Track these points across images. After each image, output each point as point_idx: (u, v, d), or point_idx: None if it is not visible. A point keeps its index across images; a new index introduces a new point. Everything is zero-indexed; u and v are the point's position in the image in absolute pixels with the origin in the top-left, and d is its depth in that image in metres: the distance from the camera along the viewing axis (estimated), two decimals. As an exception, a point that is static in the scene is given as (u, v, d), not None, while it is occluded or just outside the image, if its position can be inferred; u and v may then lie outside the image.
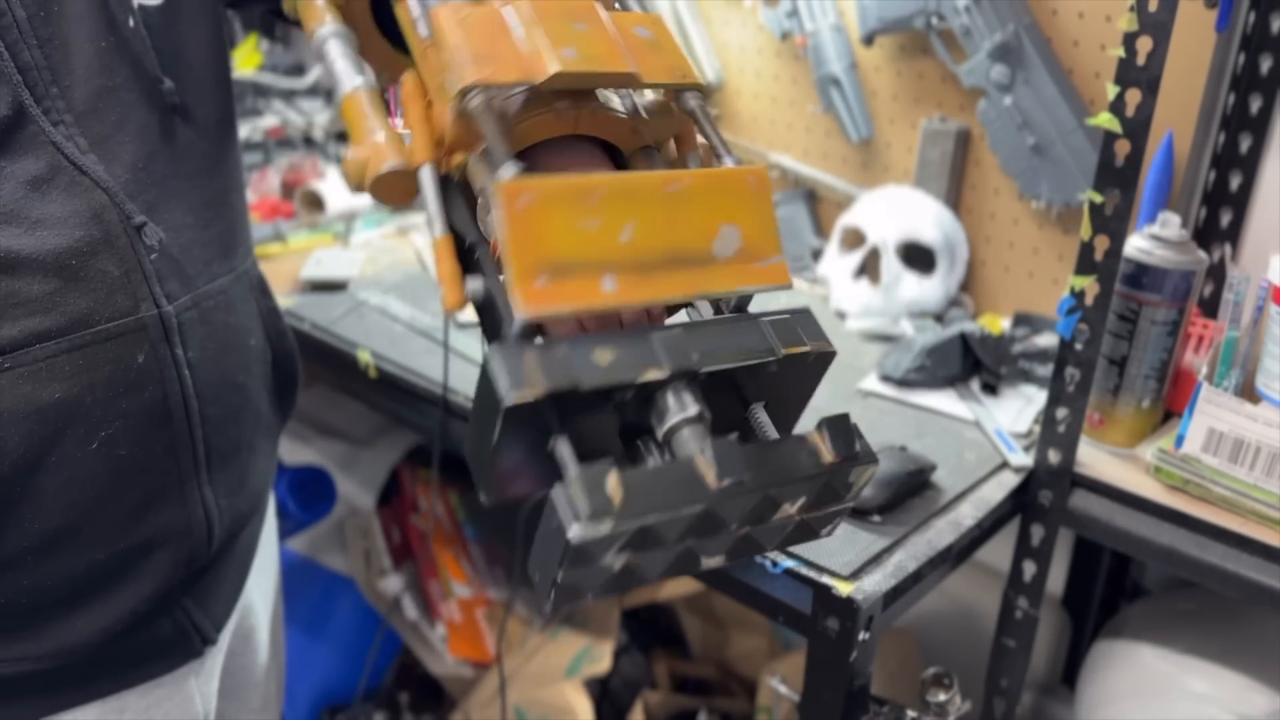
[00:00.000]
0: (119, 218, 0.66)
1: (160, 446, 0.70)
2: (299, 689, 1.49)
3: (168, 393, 0.70)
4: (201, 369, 0.72)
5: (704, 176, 0.49)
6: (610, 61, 0.50)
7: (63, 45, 0.65)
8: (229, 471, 0.76)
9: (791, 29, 1.35)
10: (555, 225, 0.45)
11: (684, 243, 0.48)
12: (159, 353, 0.69)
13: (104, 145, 0.66)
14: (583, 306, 0.45)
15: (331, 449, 1.64)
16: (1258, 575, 0.84)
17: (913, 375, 1.10)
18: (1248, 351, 0.91)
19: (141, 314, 0.68)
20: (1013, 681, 1.05)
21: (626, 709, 1.40)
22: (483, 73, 0.48)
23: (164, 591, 0.73)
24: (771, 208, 0.51)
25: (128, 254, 0.67)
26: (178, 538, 0.73)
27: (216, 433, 0.74)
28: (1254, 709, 0.95)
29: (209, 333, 0.73)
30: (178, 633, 0.77)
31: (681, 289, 0.47)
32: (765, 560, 0.83)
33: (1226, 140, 1.08)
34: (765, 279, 0.50)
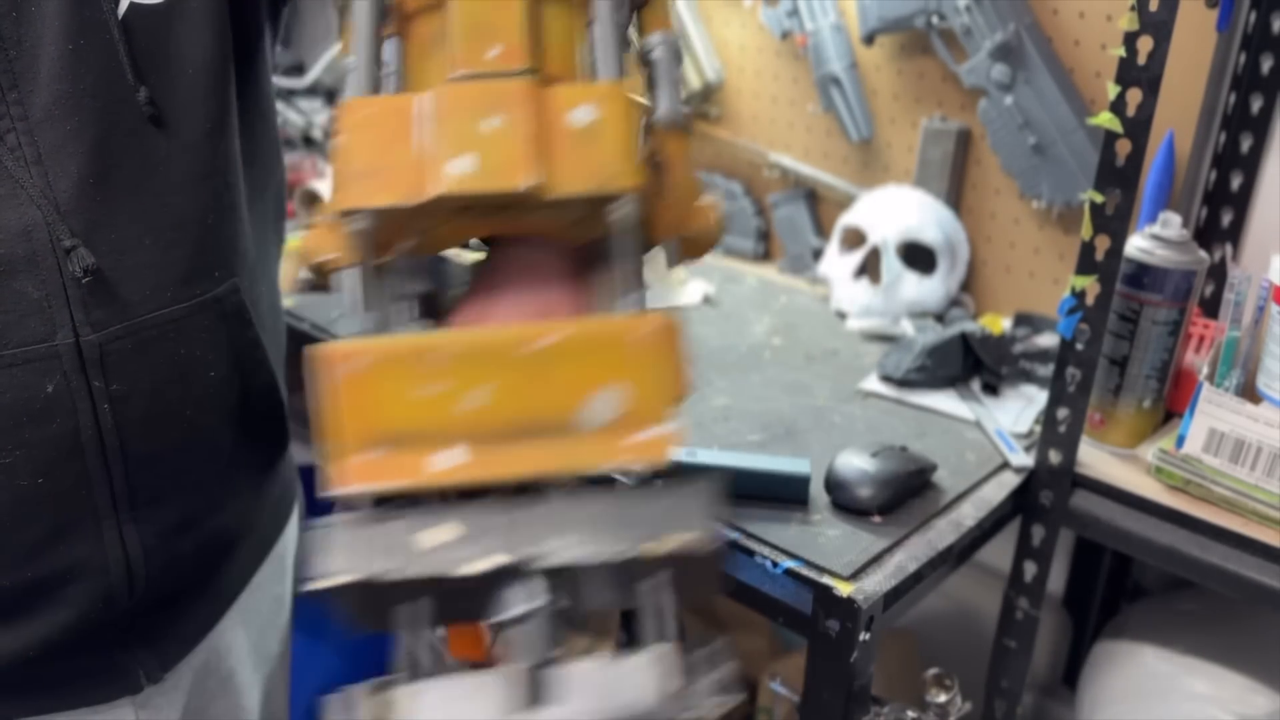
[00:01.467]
0: (49, 238, 0.63)
1: (70, 480, 0.66)
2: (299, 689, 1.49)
3: (80, 425, 0.65)
4: (130, 402, 0.67)
5: (579, 333, 0.43)
6: (506, 177, 0.43)
7: (31, 48, 0.62)
8: (163, 510, 0.72)
9: (792, 28, 1.35)
10: (386, 393, 0.42)
11: (545, 410, 0.42)
12: (72, 383, 0.64)
13: (55, 155, 0.63)
14: (406, 484, 0.42)
15: (331, 449, 1.64)
16: (1259, 576, 0.84)
17: (913, 375, 1.09)
18: (1248, 351, 0.91)
19: (57, 341, 0.64)
20: (1013, 682, 1.05)
21: (626, 709, 1.40)
22: (359, 196, 0.44)
23: (85, 625, 0.70)
24: (673, 363, 0.43)
25: (52, 277, 0.63)
26: (92, 574, 0.69)
27: (144, 470, 0.69)
28: (1255, 709, 0.94)
29: (146, 364, 0.68)
30: (109, 666, 0.74)
31: (536, 464, 0.42)
32: (765, 560, 0.83)
33: (1227, 140, 1.08)
34: (637, 454, 0.42)
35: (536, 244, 0.50)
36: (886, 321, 1.25)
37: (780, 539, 0.84)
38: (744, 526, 0.85)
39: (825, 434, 1.00)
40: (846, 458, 0.89)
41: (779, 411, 1.04)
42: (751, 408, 1.04)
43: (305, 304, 1.26)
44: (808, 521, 0.86)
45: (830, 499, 0.89)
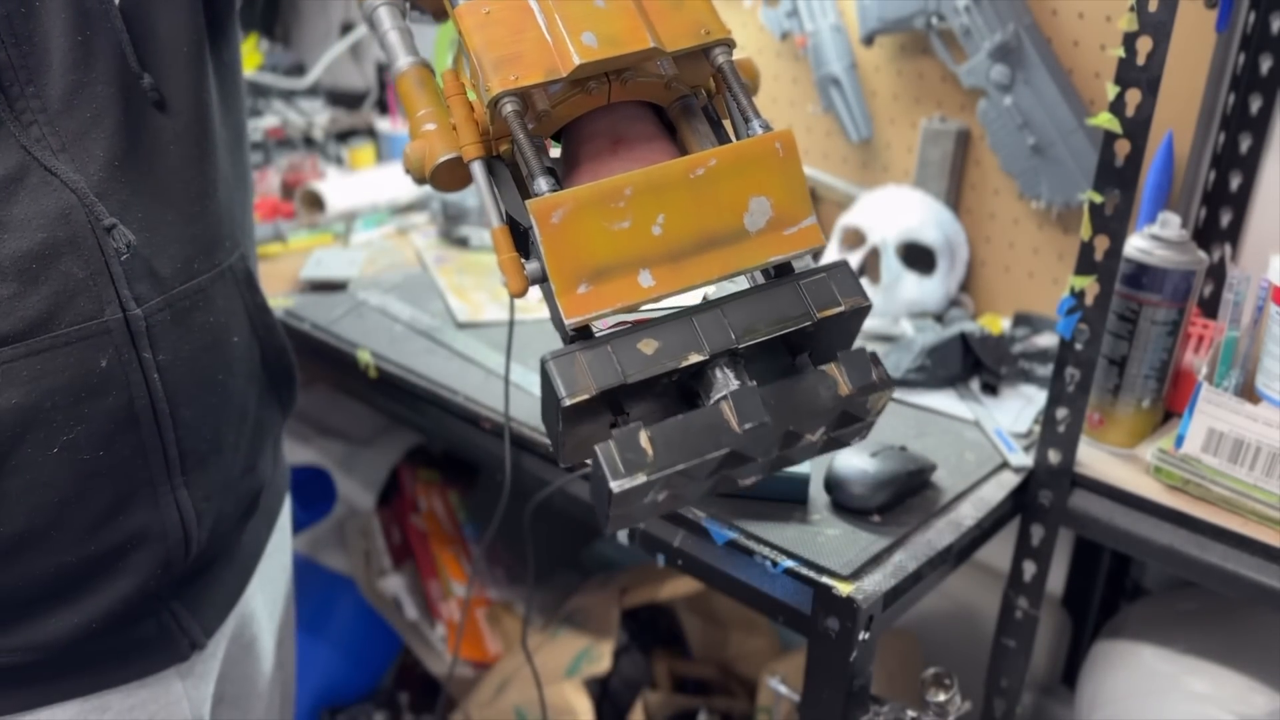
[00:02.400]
0: (87, 219, 0.65)
1: (128, 450, 0.69)
2: (299, 689, 1.49)
3: (134, 396, 0.68)
4: (174, 371, 0.71)
5: (728, 155, 0.50)
6: (630, 41, 0.51)
7: (41, 42, 0.64)
8: (208, 473, 0.75)
9: (791, 29, 1.35)
10: (589, 233, 0.48)
11: (714, 224, 0.50)
12: (124, 356, 0.67)
13: (79, 143, 0.65)
14: (623, 304, 0.49)
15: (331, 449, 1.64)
16: (1258, 575, 0.84)
17: (913, 375, 1.10)
18: (1248, 351, 0.91)
19: (106, 317, 0.66)
20: (1013, 681, 1.05)
21: (626, 709, 1.40)
22: (507, 79, 0.50)
23: (143, 593, 0.72)
24: (799, 170, 0.52)
25: (94, 256, 0.65)
26: (152, 541, 0.72)
27: (191, 435, 0.73)
28: (1254, 709, 0.95)
29: (184, 333, 0.71)
30: (162, 635, 0.76)
31: (717, 270, 0.50)
32: (765, 560, 0.83)
33: (1226, 140, 1.08)
34: (797, 245, 0.51)
35: (630, 108, 0.56)
36: (886, 322, 1.25)
37: (780, 538, 0.84)
38: (744, 526, 0.85)
39: (825, 434, 1.00)
40: (846, 457, 0.89)
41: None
42: (751, 408, 1.05)
43: (305, 304, 1.26)
44: (807, 521, 0.87)
45: (830, 498, 0.89)
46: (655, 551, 0.91)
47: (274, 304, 1.23)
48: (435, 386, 1.07)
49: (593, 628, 1.39)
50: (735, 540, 0.85)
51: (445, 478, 1.65)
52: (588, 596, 1.46)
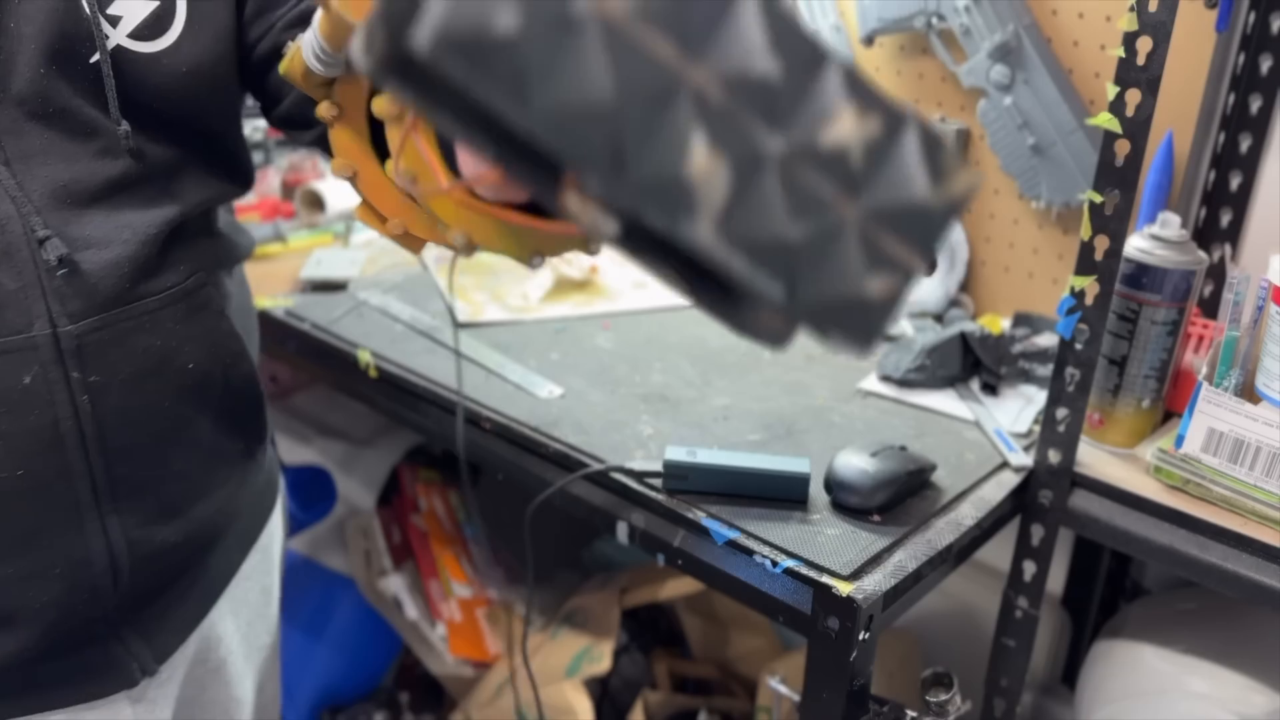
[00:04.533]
0: (23, 230, 0.64)
1: (51, 472, 0.66)
2: (299, 689, 1.49)
3: (59, 417, 0.66)
4: (108, 393, 0.68)
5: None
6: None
7: (6, 61, 0.63)
8: (145, 501, 0.72)
9: (791, 29, 1.35)
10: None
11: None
12: (50, 375, 0.65)
13: (24, 162, 0.65)
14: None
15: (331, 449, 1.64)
16: (1258, 575, 0.84)
17: (913, 375, 1.10)
18: (1248, 351, 0.91)
19: (34, 333, 0.64)
20: (1012, 681, 1.05)
21: (626, 709, 1.40)
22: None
23: (73, 619, 0.70)
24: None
25: (27, 268, 0.64)
26: (76, 567, 0.69)
27: (125, 461, 0.70)
28: (1254, 709, 0.95)
29: (123, 355, 0.69)
30: (108, 660, 0.74)
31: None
32: (765, 560, 0.83)
33: (1226, 140, 1.08)
34: None
35: None
36: (886, 321, 1.25)
37: (780, 538, 0.84)
38: (744, 526, 0.85)
39: (825, 433, 1.00)
40: (846, 457, 0.89)
41: (779, 411, 1.04)
42: (751, 407, 1.05)
43: (305, 304, 1.26)
44: (807, 521, 0.87)
45: (830, 498, 0.89)
46: (655, 551, 0.91)
47: (274, 304, 1.23)
48: (435, 386, 1.07)
49: (593, 628, 1.39)
50: (735, 540, 0.85)
51: (445, 478, 1.65)
52: (588, 596, 1.46)
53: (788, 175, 0.33)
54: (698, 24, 0.31)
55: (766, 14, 0.32)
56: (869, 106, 0.33)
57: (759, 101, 0.32)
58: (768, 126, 0.32)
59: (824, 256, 0.33)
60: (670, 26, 0.31)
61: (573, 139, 0.30)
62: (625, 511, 0.92)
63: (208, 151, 0.76)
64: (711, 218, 0.32)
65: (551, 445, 0.98)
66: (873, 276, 0.34)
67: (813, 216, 0.33)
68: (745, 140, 0.32)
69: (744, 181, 0.32)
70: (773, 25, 0.32)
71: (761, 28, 0.32)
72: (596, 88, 0.30)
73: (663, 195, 0.31)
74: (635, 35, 0.30)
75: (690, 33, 0.31)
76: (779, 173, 0.33)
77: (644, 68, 0.31)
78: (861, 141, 0.33)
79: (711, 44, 0.31)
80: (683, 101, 0.31)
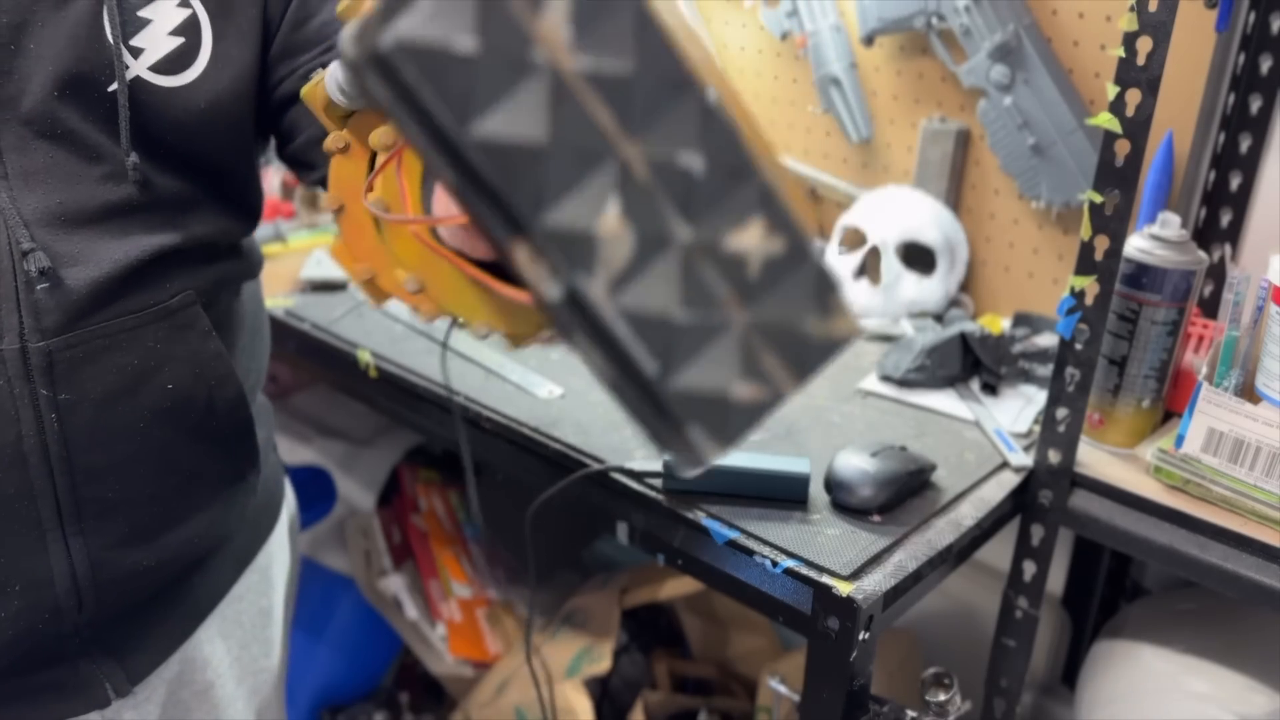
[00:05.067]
0: (7, 241, 0.63)
1: (11, 489, 0.65)
2: (299, 689, 1.49)
3: (23, 434, 0.64)
4: (78, 412, 0.66)
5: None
6: None
7: (20, 81, 0.63)
8: (114, 524, 0.70)
9: (791, 29, 1.35)
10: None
11: None
12: (16, 390, 0.64)
13: (21, 179, 0.64)
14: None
15: (331, 449, 1.64)
16: (1258, 575, 0.84)
17: (913, 375, 1.10)
18: (1248, 351, 0.91)
19: (2, 346, 0.63)
20: (1013, 681, 1.05)
21: (626, 709, 1.40)
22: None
23: (32, 638, 0.69)
24: None
25: (5, 279, 0.63)
26: (38, 587, 0.68)
27: (93, 482, 0.68)
28: (1254, 709, 0.95)
29: (96, 374, 0.67)
30: (77, 679, 0.74)
31: None
32: (765, 560, 0.83)
33: (1226, 140, 1.08)
34: None
35: None
36: (886, 321, 1.25)
37: (780, 538, 0.84)
38: (744, 526, 0.85)
39: (825, 434, 1.00)
40: (846, 457, 0.89)
41: (778, 411, 1.04)
42: (751, 407, 1.04)
43: (305, 304, 1.26)
44: (807, 521, 0.87)
45: (830, 498, 0.89)
46: (655, 551, 0.91)
47: (274, 304, 1.23)
48: (435, 386, 1.07)
49: (593, 628, 1.39)
50: (735, 540, 0.85)
51: (445, 478, 1.65)
52: (588, 596, 1.46)
53: (688, 263, 0.35)
54: (642, 104, 0.34)
55: (708, 117, 0.34)
56: (779, 227, 0.35)
57: (679, 190, 0.34)
58: (681, 215, 0.34)
59: (703, 347, 0.35)
60: (616, 98, 0.33)
61: (499, 168, 0.32)
62: (625, 511, 0.92)
63: (217, 187, 0.75)
64: (608, 278, 0.34)
65: (551, 445, 0.98)
66: (743, 382, 0.36)
67: (701, 308, 0.35)
68: (657, 219, 0.34)
69: (646, 255, 0.34)
70: (711, 128, 0.34)
71: (700, 127, 0.34)
72: (532, 129, 0.32)
73: (569, 244, 0.33)
74: (580, 95, 0.33)
75: (633, 110, 0.34)
76: (680, 258, 0.35)
77: (581, 126, 0.33)
78: (763, 256, 0.35)
79: (649, 126, 0.34)
80: (609, 167, 0.33)
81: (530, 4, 0.32)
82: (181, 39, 0.69)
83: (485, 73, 0.32)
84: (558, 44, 0.32)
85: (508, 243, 0.34)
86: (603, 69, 0.33)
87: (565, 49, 0.32)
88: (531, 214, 0.33)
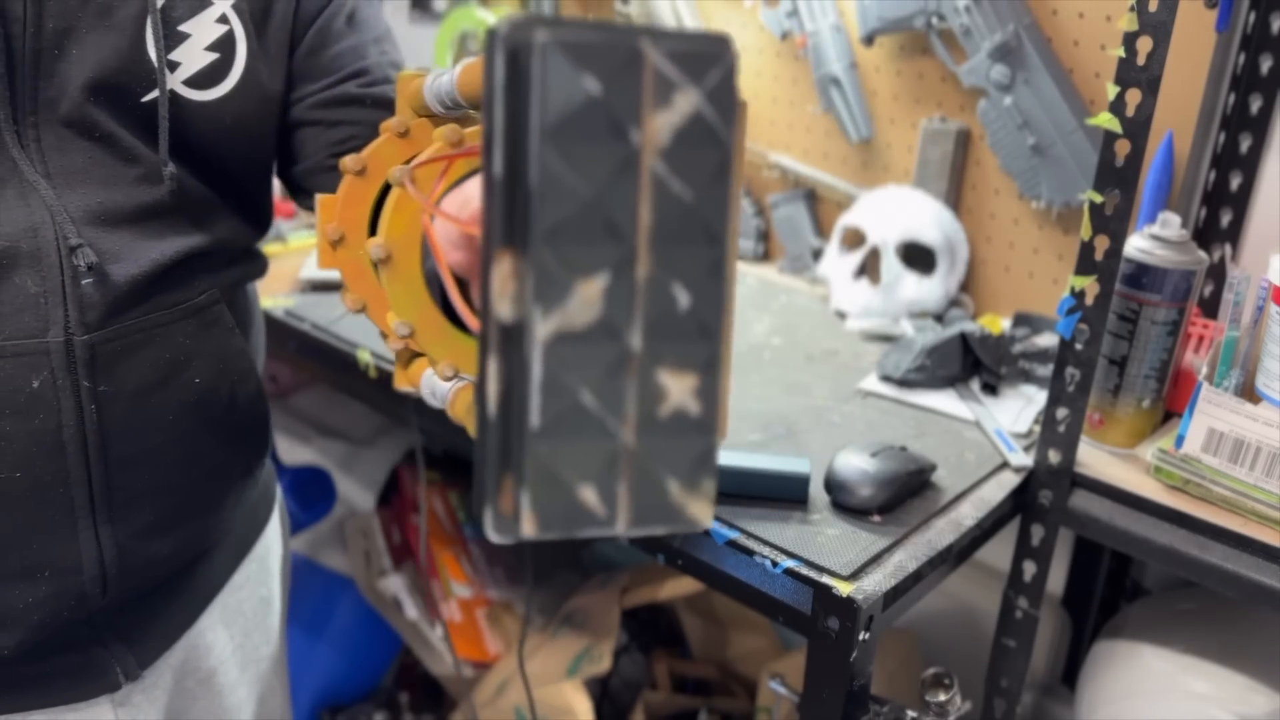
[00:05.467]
0: (55, 236, 0.65)
1: (49, 476, 0.67)
2: (299, 689, 1.49)
3: (63, 423, 0.66)
4: (115, 403, 0.68)
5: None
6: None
7: (60, 84, 0.65)
8: (140, 513, 0.72)
9: (791, 29, 1.35)
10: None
11: None
12: (59, 381, 0.65)
13: (63, 178, 0.66)
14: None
15: (331, 449, 1.64)
16: (1258, 575, 0.84)
17: (913, 375, 1.10)
18: (1248, 351, 0.91)
19: (48, 339, 0.65)
20: (1013, 681, 1.05)
21: (627, 709, 1.40)
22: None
23: (58, 622, 0.71)
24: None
25: (53, 274, 0.65)
26: (66, 573, 0.70)
27: (124, 472, 0.70)
28: (1254, 709, 0.95)
29: (132, 366, 0.69)
30: (90, 663, 0.75)
31: None
32: (765, 560, 0.83)
33: (1226, 140, 1.08)
34: None
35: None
36: (886, 321, 1.25)
37: (780, 538, 0.84)
38: (744, 526, 0.85)
39: (825, 434, 1.00)
40: (846, 457, 0.89)
41: (779, 411, 1.04)
42: (751, 408, 1.05)
43: (305, 304, 1.26)
44: (807, 521, 0.87)
45: (830, 498, 0.89)
46: (655, 551, 0.91)
47: (274, 304, 1.23)
48: (435, 386, 1.07)
49: (593, 628, 1.39)
50: (735, 540, 0.85)
51: (445, 478, 1.65)
52: (588, 596, 1.46)
53: (621, 366, 0.36)
54: (678, 229, 0.37)
55: (714, 276, 0.37)
56: (704, 396, 0.37)
57: (656, 309, 0.37)
58: (643, 327, 0.36)
59: (585, 438, 0.36)
60: (664, 210, 0.36)
61: (544, 184, 0.35)
62: (625, 511, 0.92)
63: (236, 196, 0.78)
64: (557, 328, 0.35)
65: (551, 445, 0.97)
66: (593, 490, 0.37)
67: (606, 407, 0.36)
68: (625, 315, 0.36)
69: (597, 335, 0.36)
70: (711, 285, 0.37)
71: (704, 278, 0.37)
72: (589, 178, 0.35)
73: (548, 281, 0.35)
74: (642, 187, 0.36)
75: (669, 227, 0.36)
76: (618, 358, 0.36)
77: (625, 207, 0.36)
78: (678, 407, 0.37)
79: (670, 247, 0.37)
80: (620, 249, 0.36)
81: (658, 97, 0.35)
82: (216, 55, 0.71)
83: (587, 113, 0.34)
84: (654, 139, 0.35)
85: (500, 250, 0.36)
86: (671, 183, 0.36)
87: (656, 147, 0.35)
88: (539, 238, 0.35)
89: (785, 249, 1.46)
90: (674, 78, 0.35)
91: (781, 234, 1.46)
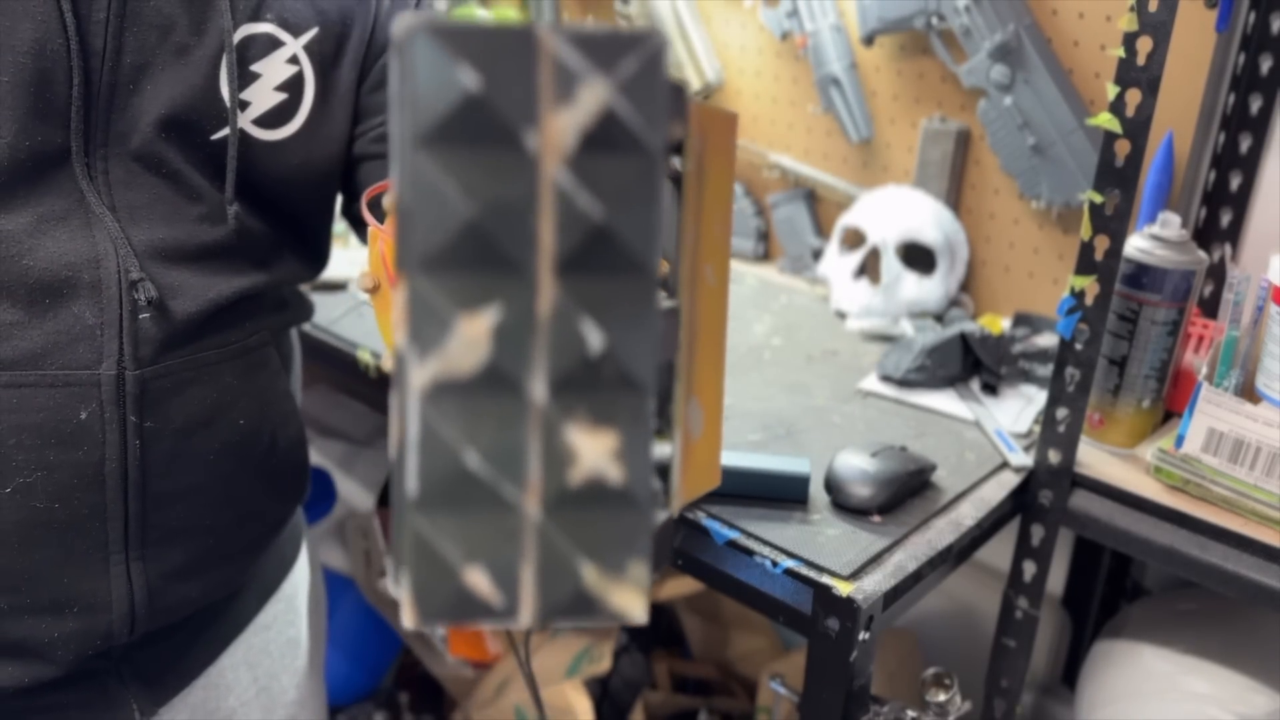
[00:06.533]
0: (117, 268, 0.65)
1: (86, 509, 0.66)
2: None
3: (106, 456, 0.66)
4: (159, 440, 0.68)
5: None
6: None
7: (132, 118, 0.66)
8: (172, 552, 0.72)
9: (791, 29, 1.35)
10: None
11: None
12: (107, 414, 0.65)
13: (128, 212, 0.66)
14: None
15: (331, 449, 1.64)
16: (1258, 575, 0.84)
17: (913, 375, 1.10)
18: (1248, 351, 0.91)
19: (100, 371, 0.65)
20: (1013, 681, 1.05)
21: (627, 709, 1.40)
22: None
23: (80, 658, 0.70)
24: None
25: (111, 307, 0.65)
26: (96, 610, 0.69)
27: (162, 509, 0.70)
28: (1254, 709, 0.95)
29: (180, 404, 0.69)
30: (105, 698, 0.74)
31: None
32: (765, 560, 0.83)
33: (1226, 140, 1.08)
34: None
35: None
36: (886, 321, 1.25)
37: (780, 538, 0.84)
38: (743, 526, 0.85)
39: (825, 434, 1.00)
40: (846, 457, 0.89)
41: (779, 411, 1.04)
42: (751, 407, 1.05)
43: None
44: (807, 521, 0.87)
45: (830, 499, 0.89)
46: (655, 551, 0.91)
47: (274, 304, 1.23)
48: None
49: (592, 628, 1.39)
50: (735, 540, 0.85)
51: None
52: (588, 596, 1.46)
53: (517, 422, 0.30)
54: (591, 255, 0.30)
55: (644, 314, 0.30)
56: (631, 461, 0.31)
57: (562, 352, 0.30)
58: (547, 375, 0.30)
59: (473, 509, 0.30)
60: (570, 231, 0.29)
61: (420, 200, 0.29)
62: (625, 511, 0.92)
63: (296, 235, 0.78)
64: (434, 375, 0.29)
65: (551, 445, 0.97)
66: (484, 574, 0.30)
67: (500, 473, 0.30)
68: (520, 360, 0.30)
69: (484, 383, 0.30)
70: (639, 325, 0.30)
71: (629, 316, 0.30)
72: (472, 195, 0.29)
73: (425, 316, 0.29)
74: (541, 204, 0.29)
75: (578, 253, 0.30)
76: (514, 412, 0.30)
77: (517, 228, 0.29)
78: (593, 473, 0.31)
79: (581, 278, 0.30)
80: (513, 282, 0.29)
81: (558, 92, 0.29)
82: (285, 95, 0.71)
83: (466, 113, 0.28)
84: (555, 143, 0.29)
85: (399, 275, 0.30)
86: (578, 197, 0.29)
87: (558, 152, 0.29)
88: (413, 264, 0.29)
89: (785, 249, 1.46)
90: (577, 67, 0.28)
91: (781, 234, 1.46)
